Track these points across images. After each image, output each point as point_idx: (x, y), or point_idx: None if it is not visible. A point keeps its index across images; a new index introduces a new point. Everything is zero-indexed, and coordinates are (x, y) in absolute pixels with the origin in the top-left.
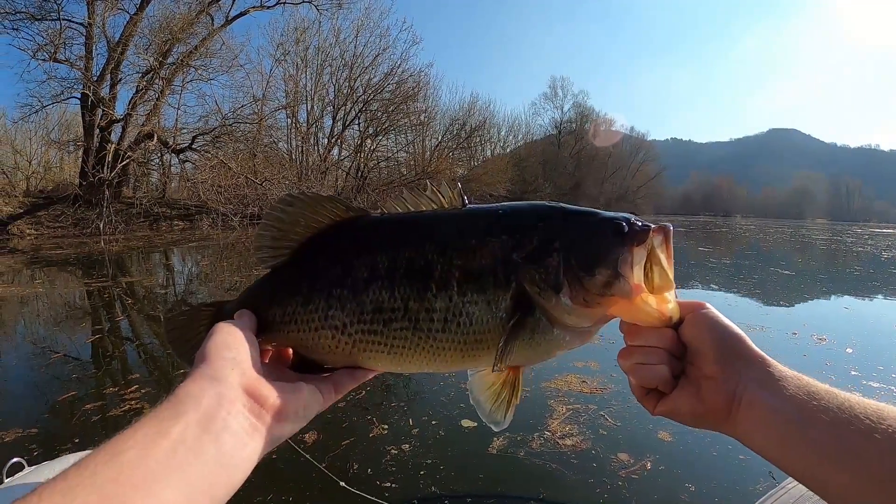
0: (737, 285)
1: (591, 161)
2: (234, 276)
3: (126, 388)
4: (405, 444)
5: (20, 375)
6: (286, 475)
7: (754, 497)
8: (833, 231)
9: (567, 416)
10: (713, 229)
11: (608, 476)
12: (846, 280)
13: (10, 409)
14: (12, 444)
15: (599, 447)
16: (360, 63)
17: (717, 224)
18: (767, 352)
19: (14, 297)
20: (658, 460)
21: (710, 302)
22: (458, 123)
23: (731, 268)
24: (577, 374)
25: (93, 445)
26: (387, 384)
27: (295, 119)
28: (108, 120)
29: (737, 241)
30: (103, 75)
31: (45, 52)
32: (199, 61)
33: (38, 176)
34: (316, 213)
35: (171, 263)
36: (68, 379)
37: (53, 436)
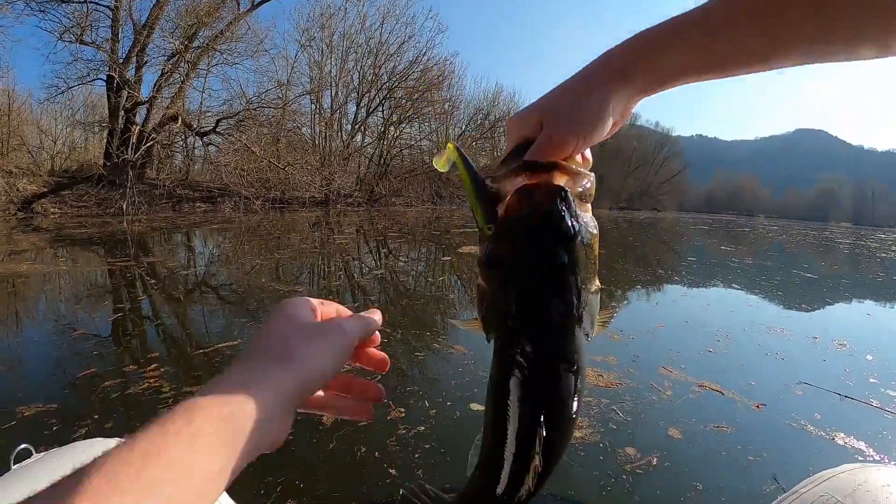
0: (759, 286)
1: (615, 155)
2: (256, 258)
3: (146, 367)
4: (421, 427)
5: (41, 351)
6: (298, 455)
7: (760, 499)
8: (857, 235)
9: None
10: (736, 229)
11: (613, 470)
12: (869, 286)
13: (31, 384)
14: (32, 418)
15: (607, 441)
16: (385, 50)
17: (741, 223)
18: (787, 355)
19: (37, 274)
20: (665, 457)
21: (730, 301)
22: (482, 113)
23: (754, 268)
24: (594, 368)
25: (111, 422)
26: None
27: (319, 105)
28: (133, 102)
29: (760, 242)
30: (129, 58)
31: (71, 34)
32: (225, 45)
33: (63, 156)
34: None
35: (193, 245)
36: (89, 356)
37: (73, 412)
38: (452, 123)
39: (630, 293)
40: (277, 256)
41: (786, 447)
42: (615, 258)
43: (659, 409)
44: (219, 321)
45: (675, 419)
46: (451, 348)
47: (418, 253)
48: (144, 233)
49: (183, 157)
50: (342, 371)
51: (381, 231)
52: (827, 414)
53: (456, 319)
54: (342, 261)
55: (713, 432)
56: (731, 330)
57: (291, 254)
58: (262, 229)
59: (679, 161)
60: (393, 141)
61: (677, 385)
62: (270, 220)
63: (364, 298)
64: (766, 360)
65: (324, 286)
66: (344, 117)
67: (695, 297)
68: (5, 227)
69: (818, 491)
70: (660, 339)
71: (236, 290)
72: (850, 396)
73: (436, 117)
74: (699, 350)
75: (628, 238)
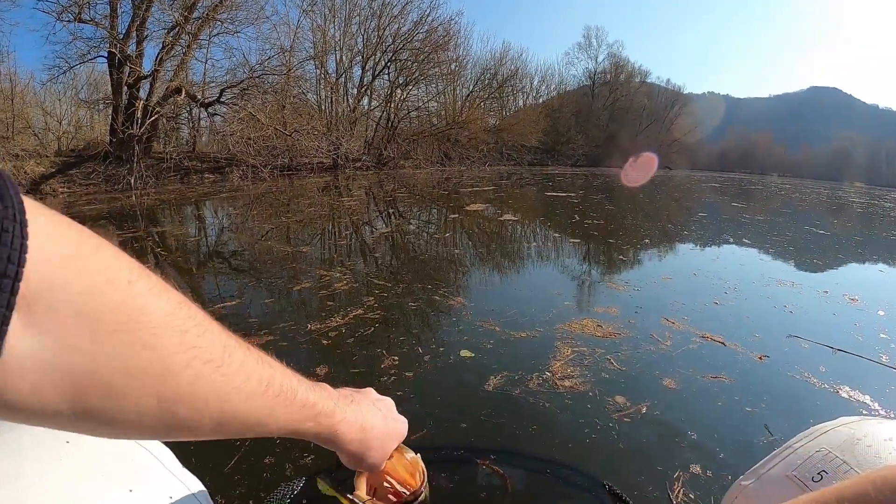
0: (769, 241)
1: (626, 113)
2: (266, 223)
3: None
4: (409, 372)
5: None
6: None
7: (754, 450)
8: (871, 195)
9: (571, 359)
10: (748, 186)
11: (600, 417)
12: (882, 244)
13: None
14: None
15: (598, 390)
16: (388, 12)
17: (753, 181)
18: (796, 308)
19: None
20: (655, 406)
21: (740, 256)
22: (490, 73)
23: (765, 224)
24: (595, 319)
25: None
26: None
27: (324, 69)
28: (136, 77)
29: (772, 199)
30: (129, 33)
31: (69, 13)
32: (225, 14)
33: (69, 135)
34: None
35: (203, 214)
36: None
37: None
38: (460, 84)
39: (638, 247)
40: (286, 221)
41: (786, 399)
42: (624, 214)
43: (656, 359)
44: (226, 286)
45: (672, 369)
46: (451, 300)
47: (428, 213)
48: (154, 205)
49: (189, 129)
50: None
51: (390, 193)
52: (832, 367)
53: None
54: (351, 222)
55: (711, 383)
56: (740, 283)
57: (301, 218)
58: (270, 196)
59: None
60: (400, 104)
61: (678, 336)
62: (279, 187)
63: (372, 257)
64: (774, 313)
65: (333, 247)
66: (349, 81)
67: (704, 251)
68: None
69: (813, 446)
70: (665, 291)
71: (244, 256)
72: (842, 349)
73: (443, 78)
74: (705, 302)
75: (638, 195)
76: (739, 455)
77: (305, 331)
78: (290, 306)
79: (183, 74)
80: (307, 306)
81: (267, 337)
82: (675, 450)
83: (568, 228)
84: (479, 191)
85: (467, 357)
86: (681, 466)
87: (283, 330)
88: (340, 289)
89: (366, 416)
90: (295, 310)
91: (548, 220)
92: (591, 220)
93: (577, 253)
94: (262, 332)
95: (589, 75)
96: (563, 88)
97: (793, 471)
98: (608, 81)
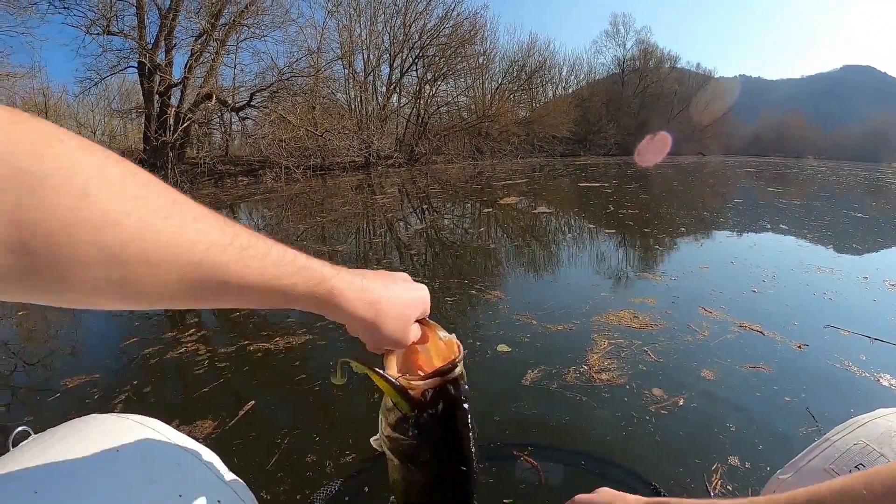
0: (807, 227)
1: (657, 100)
2: (300, 224)
3: (185, 332)
4: None
5: (87, 326)
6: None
7: (795, 441)
8: None
9: (608, 351)
10: (783, 170)
11: (637, 410)
12: None
13: (76, 358)
14: (75, 389)
15: (635, 382)
16: (413, 8)
17: (788, 165)
18: (836, 295)
19: None
20: (693, 397)
21: (778, 242)
22: (518, 65)
23: (802, 209)
24: (632, 310)
25: (150, 387)
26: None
27: (352, 69)
28: (167, 85)
29: (808, 183)
30: (157, 42)
31: (97, 26)
32: (251, 20)
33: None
34: None
35: (239, 217)
36: (131, 326)
37: (114, 380)
38: (488, 77)
39: (674, 236)
40: (320, 220)
41: (827, 388)
42: (659, 203)
43: (694, 349)
44: None
45: (710, 360)
46: (488, 294)
47: (462, 208)
48: None
49: (221, 133)
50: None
51: (423, 189)
52: (872, 355)
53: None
54: (385, 220)
55: (749, 373)
56: (778, 270)
57: (335, 217)
58: (304, 196)
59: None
60: (429, 99)
61: (716, 325)
62: (313, 187)
63: (408, 253)
64: (813, 301)
65: (368, 245)
66: (378, 79)
67: (741, 238)
68: None
69: (851, 439)
70: (702, 280)
71: None
72: (879, 339)
73: (471, 72)
74: (743, 291)
75: (673, 183)
76: (778, 446)
77: (343, 329)
78: None
79: (213, 80)
80: None
81: (306, 336)
82: (712, 442)
83: (602, 219)
84: (512, 184)
85: (504, 352)
86: (719, 458)
87: (321, 328)
88: None
89: (371, 280)
90: None
91: (582, 212)
92: (626, 210)
93: (612, 243)
94: (301, 331)
95: (618, 63)
96: (593, 77)
97: (830, 464)
98: (637, 68)
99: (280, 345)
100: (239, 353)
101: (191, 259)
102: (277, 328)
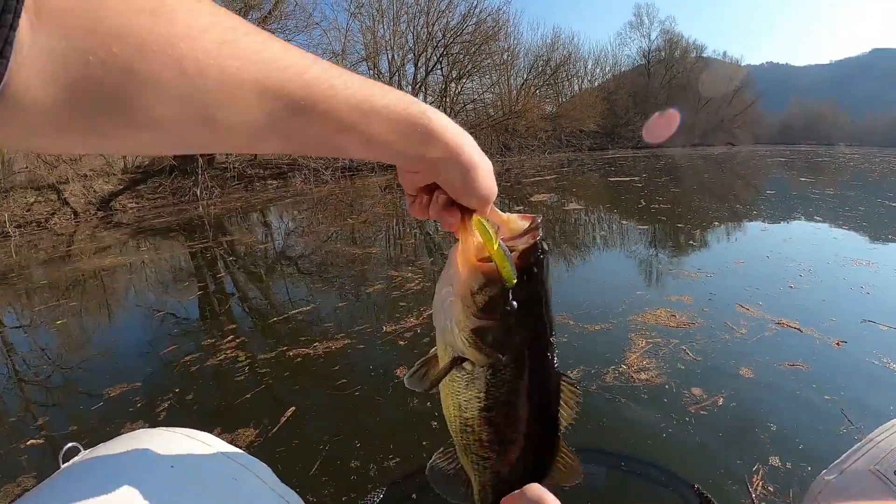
0: (842, 218)
1: (684, 90)
2: (331, 226)
3: (223, 339)
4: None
5: (129, 336)
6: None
7: (835, 440)
8: None
9: (646, 350)
10: (815, 159)
11: (677, 411)
12: None
13: (118, 366)
14: (117, 397)
15: (674, 382)
16: (435, 7)
17: (820, 153)
18: (874, 289)
19: (122, 265)
20: (732, 396)
21: (813, 235)
22: (542, 60)
23: (836, 199)
24: (668, 308)
25: (192, 394)
26: None
27: (377, 70)
28: None
29: (840, 172)
30: None
31: None
32: (275, 25)
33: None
34: None
35: (269, 220)
36: (173, 334)
37: (156, 388)
38: (513, 73)
39: (708, 230)
40: (351, 222)
41: (866, 386)
42: (691, 196)
43: (731, 348)
44: (295, 290)
45: (748, 358)
46: None
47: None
48: (221, 214)
49: None
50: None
51: None
52: None
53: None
54: (416, 220)
55: (788, 371)
56: (814, 264)
57: (366, 218)
58: (334, 198)
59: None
60: (455, 97)
61: (753, 323)
62: (342, 189)
63: (439, 253)
64: (850, 295)
65: (400, 246)
66: (403, 79)
67: (775, 231)
68: (88, 227)
69: (895, 439)
70: (738, 276)
71: (313, 259)
72: None
73: (496, 69)
74: (779, 286)
75: (703, 175)
76: (819, 445)
77: (381, 332)
78: (363, 309)
79: None
80: (380, 308)
81: (344, 340)
82: (753, 442)
83: (635, 214)
84: (542, 180)
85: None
86: (759, 459)
87: (360, 333)
88: (412, 289)
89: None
90: (369, 312)
91: (614, 207)
92: (658, 205)
93: (646, 240)
94: (339, 336)
95: (643, 54)
96: (618, 69)
97: (875, 465)
98: (663, 59)
99: (319, 350)
100: (278, 358)
101: (275, 79)
102: (316, 333)
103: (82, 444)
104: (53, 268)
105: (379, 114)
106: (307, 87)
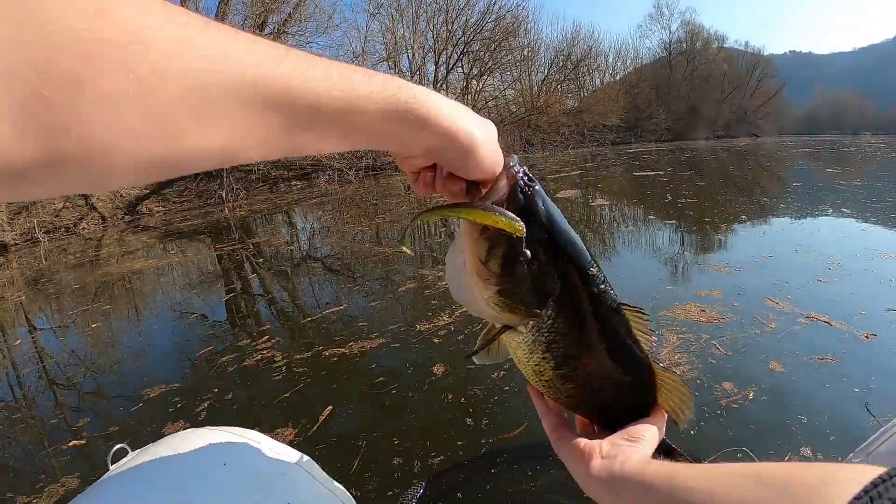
0: (870, 209)
1: (706, 82)
2: (356, 227)
3: (258, 340)
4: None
5: (162, 338)
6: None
7: (863, 430)
8: None
9: (677, 346)
10: (841, 149)
11: (708, 405)
12: None
13: (154, 368)
14: (157, 399)
15: (704, 376)
16: (454, 5)
17: (846, 143)
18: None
19: (151, 269)
20: (763, 390)
21: (841, 227)
22: (563, 55)
23: (863, 190)
24: (698, 303)
25: (231, 393)
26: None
27: (398, 69)
28: None
29: (867, 162)
30: None
31: None
32: (296, 27)
33: None
34: None
35: (294, 221)
36: (205, 336)
37: (194, 389)
38: (534, 69)
39: (735, 224)
40: (377, 221)
41: (895, 379)
42: (716, 189)
43: (761, 342)
44: (325, 290)
45: (778, 352)
46: None
47: None
48: (246, 216)
49: None
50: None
51: None
52: None
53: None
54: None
55: (818, 364)
56: (842, 257)
57: (391, 217)
58: (359, 198)
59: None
60: (476, 94)
61: (782, 317)
62: (366, 188)
63: None
64: (879, 288)
65: (429, 244)
66: (424, 78)
67: (802, 224)
68: (115, 231)
69: None
70: (767, 270)
71: (340, 259)
72: None
73: (517, 65)
74: (808, 279)
75: (728, 167)
76: (849, 437)
77: (415, 331)
78: (396, 308)
79: None
80: (413, 307)
81: (379, 339)
82: (784, 434)
83: (661, 209)
84: (566, 176)
85: None
86: (792, 450)
87: (394, 331)
88: (443, 287)
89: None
90: (402, 311)
91: (640, 202)
92: (684, 199)
93: (673, 235)
94: (374, 335)
95: (664, 46)
96: (640, 62)
97: None
98: (685, 51)
99: (355, 349)
100: (315, 358)
101: (244, 76)
102: (350, 333)
103: (126, 444)
104: (84, 272)
105: (364, 104)
106: (283, 83)
